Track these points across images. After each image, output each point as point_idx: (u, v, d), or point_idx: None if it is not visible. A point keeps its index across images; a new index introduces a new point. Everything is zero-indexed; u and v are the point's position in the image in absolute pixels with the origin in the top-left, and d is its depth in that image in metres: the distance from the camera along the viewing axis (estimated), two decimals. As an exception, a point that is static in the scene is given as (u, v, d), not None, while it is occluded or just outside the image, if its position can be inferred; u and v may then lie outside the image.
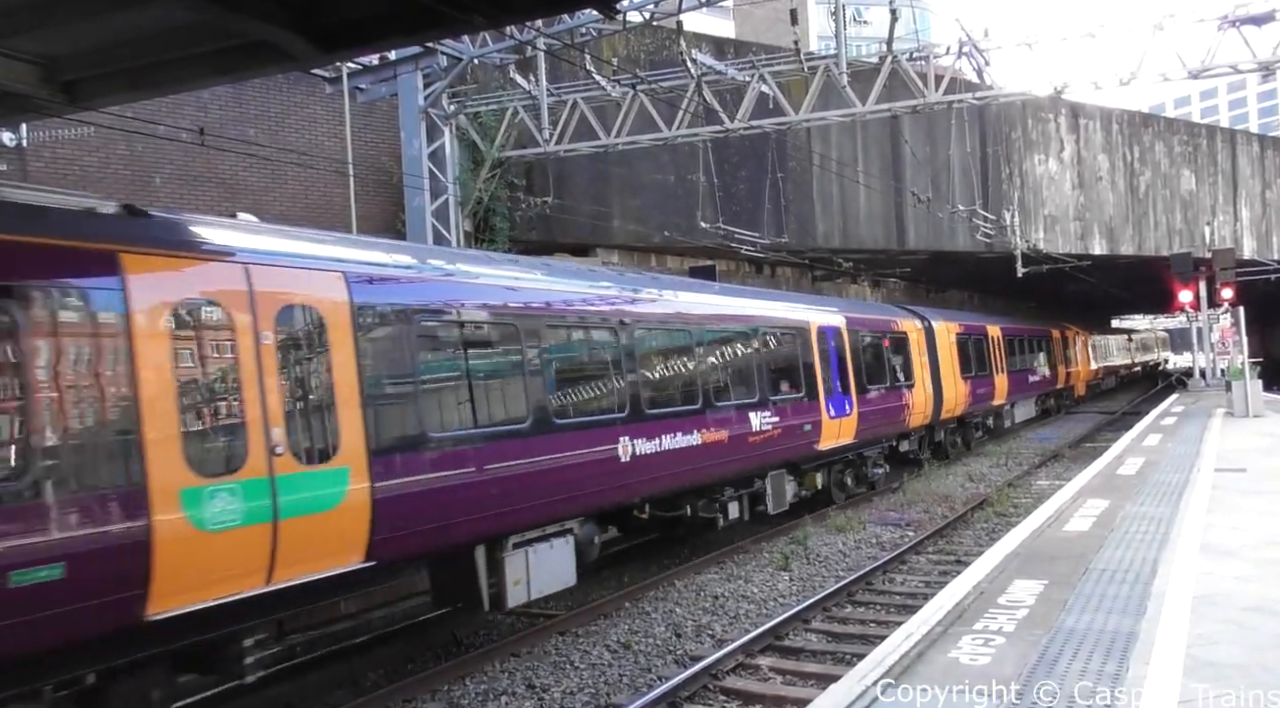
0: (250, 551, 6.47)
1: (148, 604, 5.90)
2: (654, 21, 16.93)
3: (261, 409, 6.61)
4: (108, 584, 5.71)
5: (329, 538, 7.02)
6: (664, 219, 21.43)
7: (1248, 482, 12.73)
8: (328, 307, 7.30)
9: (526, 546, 9.15)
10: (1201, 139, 36.90)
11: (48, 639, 5.52)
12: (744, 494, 13.43)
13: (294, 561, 6.72)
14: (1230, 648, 5.86)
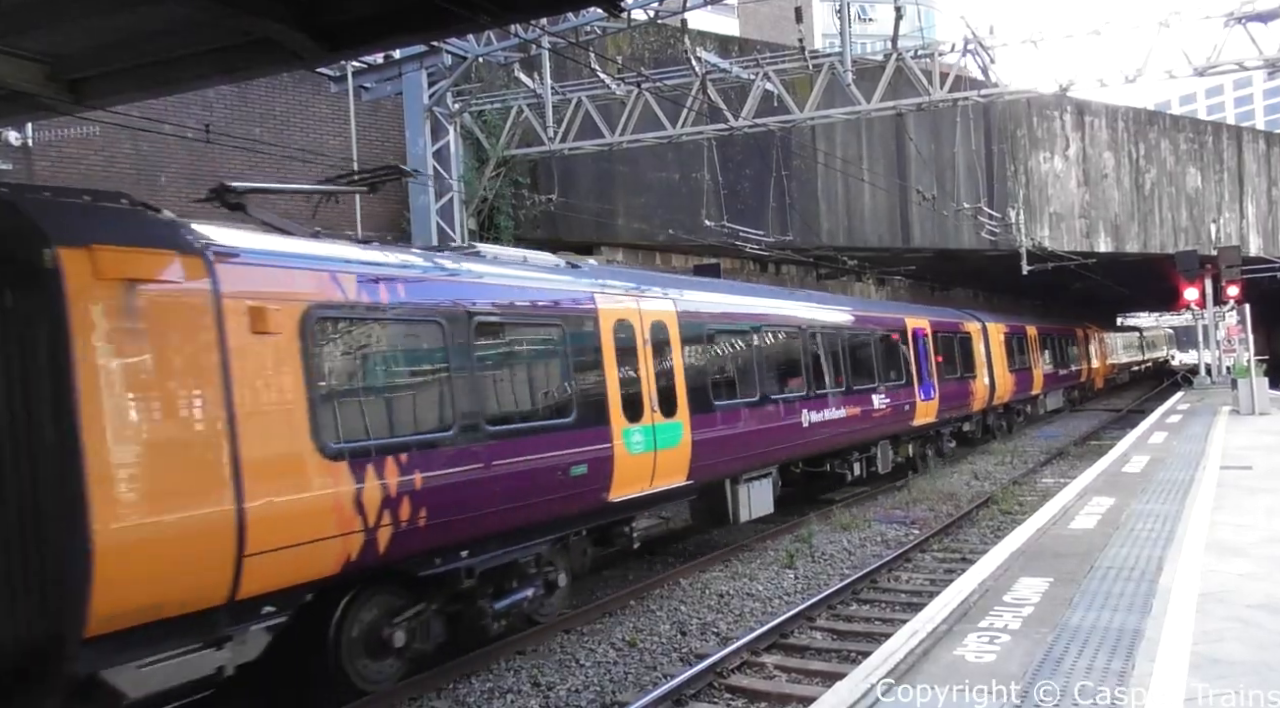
0: (645, 467, 10.70)
1: (610, 492, 10.12)
2: (658, 20, 16.93)
3: (648, 385, 10.92)
4: (599, 479, 9.92)
5: (673, 463, 11.24)
6: (669, 217, 21.44)
7: (1254, 479, 12.71)
8: (670, 323, 11.59)
9: (749, 482, 13.20)
10: (1207, 136, 36.79)
11: (577, 506, 9.72)
12: (863, 457, 17.18)
13: (660, 475, 11.00)
14: (1236, 645, 5.86)
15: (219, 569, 6.20)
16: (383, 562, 7.50)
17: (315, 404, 6.92)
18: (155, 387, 5.99)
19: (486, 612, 8.77)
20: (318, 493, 6.87)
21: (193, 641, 6.20)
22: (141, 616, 5.83)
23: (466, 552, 8.34)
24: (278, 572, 6.59)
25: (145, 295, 5.96)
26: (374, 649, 7.81)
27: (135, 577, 5.73)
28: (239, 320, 6.46)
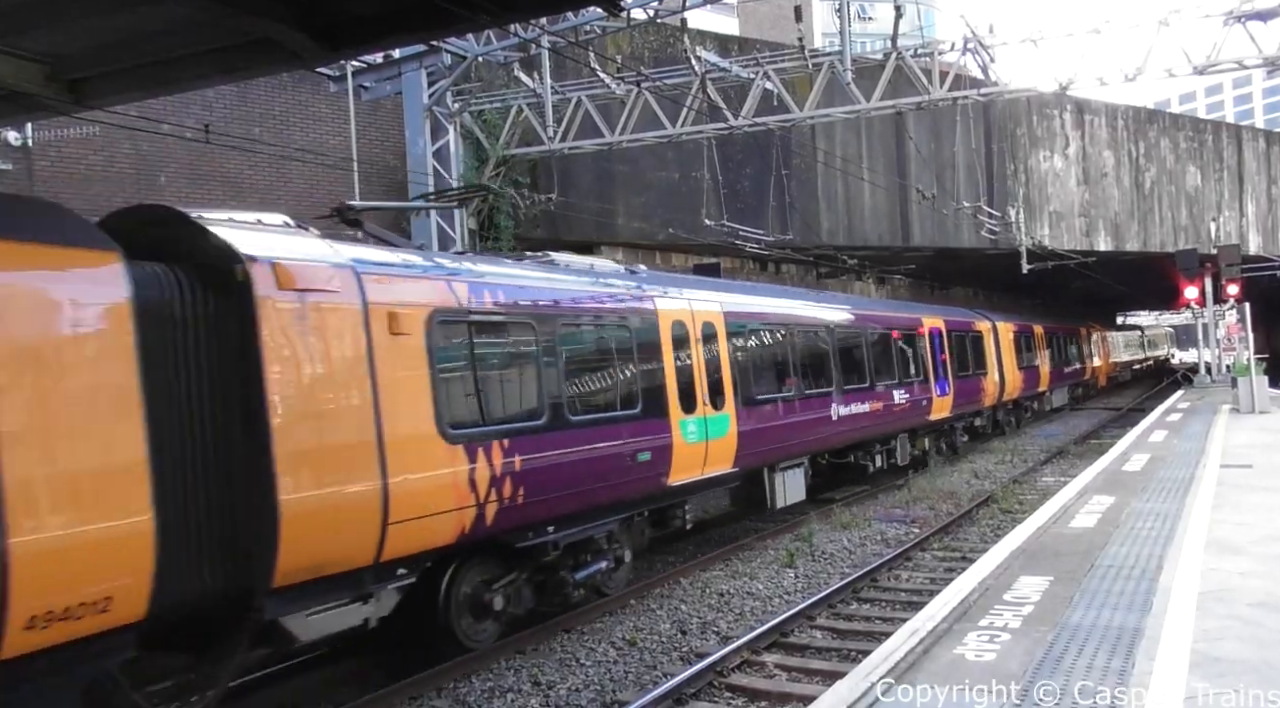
0: (698, 455, 11.72)
1: (669, 477, 11.13)
2: (658, 19, 16.95)
3: (700, 380, 11.91)
4: (660, 465, 10.91)
5: (722, 452, 12.25)
6: (668, 217, 21.44)
7: (1254, 478, 12.71)
8: (718, 324, 12.66)
9: (784, 471, 14.19)
10: (1207, 135, 36.79)
11: (641, 489, 10.75)
12: (884, 450, 18.29)
13: (711, 462, 11.99)
14: (1236, 644, 5.86)
15: (369, 535, 7.32)
16: (488, 534, 8.62)
17: (438, 395, 8.07)
18: (322, 378, 7.15)
19: (568, 581, 9.89)
20: (440, 472, 8.01)
21: (346, 595, 7.36)
22: (311, 573, 6.93)
23: (553, 527, 9.44)
24: (410, 539, 7.72)
25: (312, 302, 7.09)
26: (477, 611, 8.93)
27: (309, 540, 6.79)
28: (380, 323, 7.60)
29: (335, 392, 7.21)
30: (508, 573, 9.23)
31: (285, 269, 6.96)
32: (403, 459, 7.55)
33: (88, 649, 5.61)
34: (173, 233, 6.93)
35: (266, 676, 8.24)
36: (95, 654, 5.72)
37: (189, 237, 6.90)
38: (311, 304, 7.10)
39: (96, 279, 5.82)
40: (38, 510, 5.26)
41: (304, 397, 6.97)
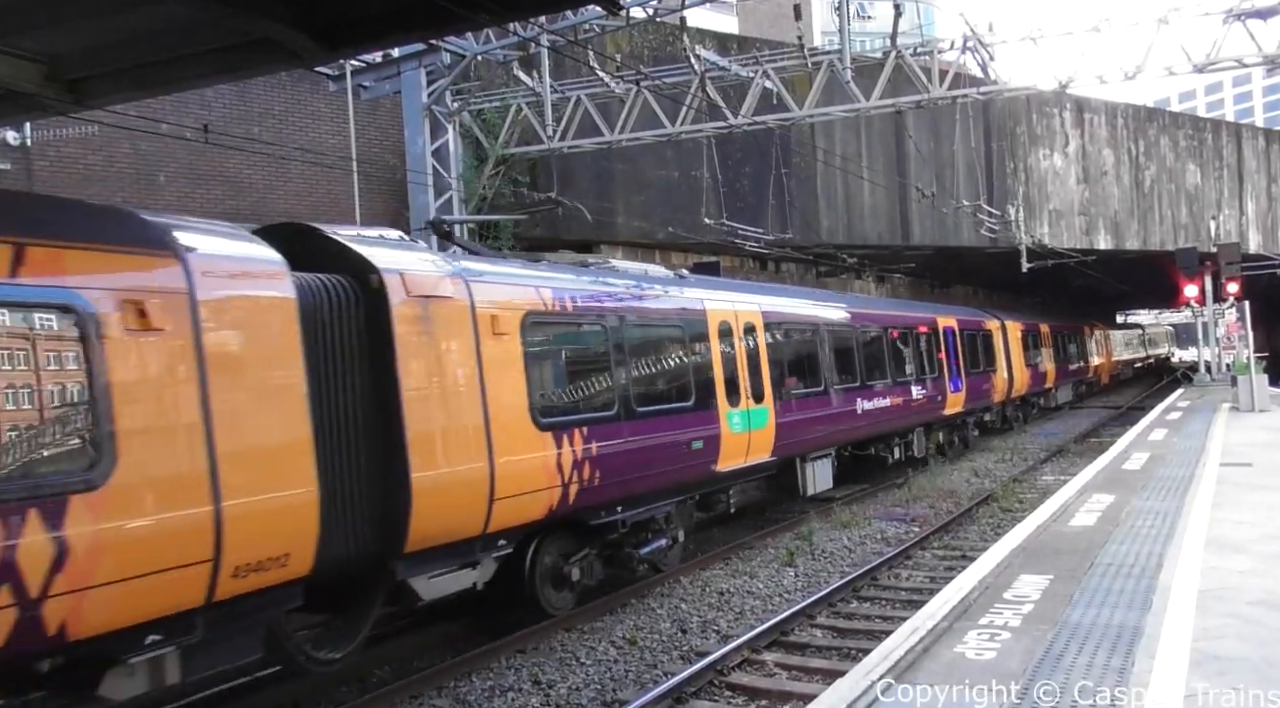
0: (742, 444, 12.72)
1: (717, 464, 12.16)
2: (657, 18, 16.94)
3: (743, 376, 12.96)
4: (710, 453, 11.93)
5: (762, 442, 13.28)
6: (668, 215, 21.44)
7: (1254, 476, 12.71)
8: (757, 324, 13.74)
9: (814, 460, 15.19)
10: (1206, 133, 36.79)
11: (694, 475, 11.83)
12: (901, 443, 19.27)
13: (753, 451, 13.03)
14: (1236, 643, 5.86)
15: (479, 509, 8.41)
16: (568, 511, 9.64)
17: (530, 387, 9.16)
18: (441, 371, 8.22)
19: (634, 556, 10.98)
20: (533, 455, 9.08)
21: (458, 562, 8.49)
22: (433, 541, 8.00)
23: (621, 507, 10.48)
24: (510, 514, 8.78)
25: (432, 306, 8.18)
26: (556, 582, 10.00)
27: (434, 512, 7.84)
28: (485, 324, 8.69)
29: (452, 383, 8.34)
30: (581, 548, 10.28)
31: (411, 278, 8.07)
32: (505, 443, 8.64)
33: (270, 597, 6.70)
34: (315, 247, 7.95)
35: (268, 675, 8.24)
36: (274, 602, 6.82)
37: (331, 250, 8.02)
38: (432, 308, 8.21)
39: (277, 288, 6.90)
40: (244, 480, 6.30)
41: (428, 387, 8.06)
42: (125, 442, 5.72)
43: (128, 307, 5.86)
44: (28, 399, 5.45)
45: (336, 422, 7.35)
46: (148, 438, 5.91)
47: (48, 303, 5.53)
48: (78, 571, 5.40)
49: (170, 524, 5.90)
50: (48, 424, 5.48)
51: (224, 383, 6.31)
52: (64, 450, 5.53)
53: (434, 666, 8.78)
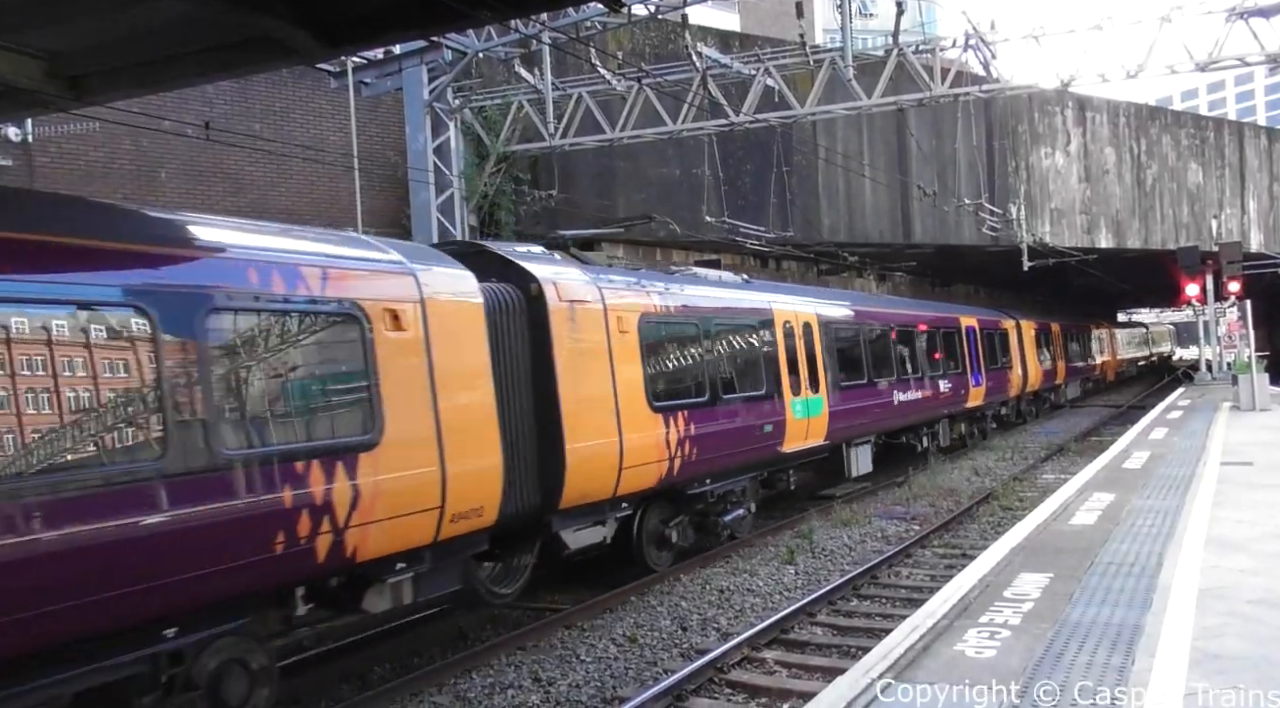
0: (803, 429, 14.46)
1: (783, 446, 13.90)
2: (659, 15, 16.91)
3: (803, 368, 14.76)
4: (778, 435, 13.71)
5: (818, 428, 15.10)
6: (669, 213, 21.35)
7: (1254, 475, 12.71)
8: (813, 323, 15.53)
9: (858, 446, 16.93)
10: (1209, 132, 36.74)
11: (765, 454, 13.57)
12: (929, 432, 21.08)
13: (810, 435, 14.79)
14: (1236, 642, 5.86)
15: (610, 476, 10.28)
16: (673, 481, 11.47)
17: (646, 374, 11.03)
18: (584, 360, 10.07)
19: (719, 523, 12.82)
20: (649, 433, 10.91)
21: (593, 520, 10.39)
22: (578, 501, 9.90)
23: (709, 480, 12.34)
24: (632, 481, 10.65)
25: (577, 309, 10.07)
26: (659, 542, 11.76)
27: (580, 477, 9.74)
28: (614, 323, 10.56)
29: (592, 370, 10.19)
30: (677, 515, 12.02)
31: (562, 286, 10.02)
32: (630, 421, 10.53)
33: (468, 541, 8.58)
34: (486, 261, 9.68)
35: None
36: (470, 545, 8.68)
37: (498, 264, 9.82)
38: (577, 310, 10.09)
39: (471, 297, 8.73)
40: (458, 448, 8.08)
41: (575, 373, 9.88)
42: (390, 415, 7.55)
43: (387, 314, 7.72)
44: (335, 381, 7.47)
45: (510, 402, 9.06)
46: (402, 413, 7.68)
47: (345, 313, 7.39)
48: (365, 509, 7.22)
49: (417, 478, 7.77)
50: (351, 399, 7.45)
51: (443, 371, 8.13)
52: (358, 418, 7.40)
53: (434, 663, 8.79)
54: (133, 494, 5.78)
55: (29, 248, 5.62)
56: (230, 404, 6.52)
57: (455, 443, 8.08)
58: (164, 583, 5.94)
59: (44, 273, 5.62)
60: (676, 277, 13.40)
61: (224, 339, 6.59)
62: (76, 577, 5.46)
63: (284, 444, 6.79)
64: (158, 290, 6.15)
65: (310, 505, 6.80)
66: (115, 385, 5.83)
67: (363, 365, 7.45)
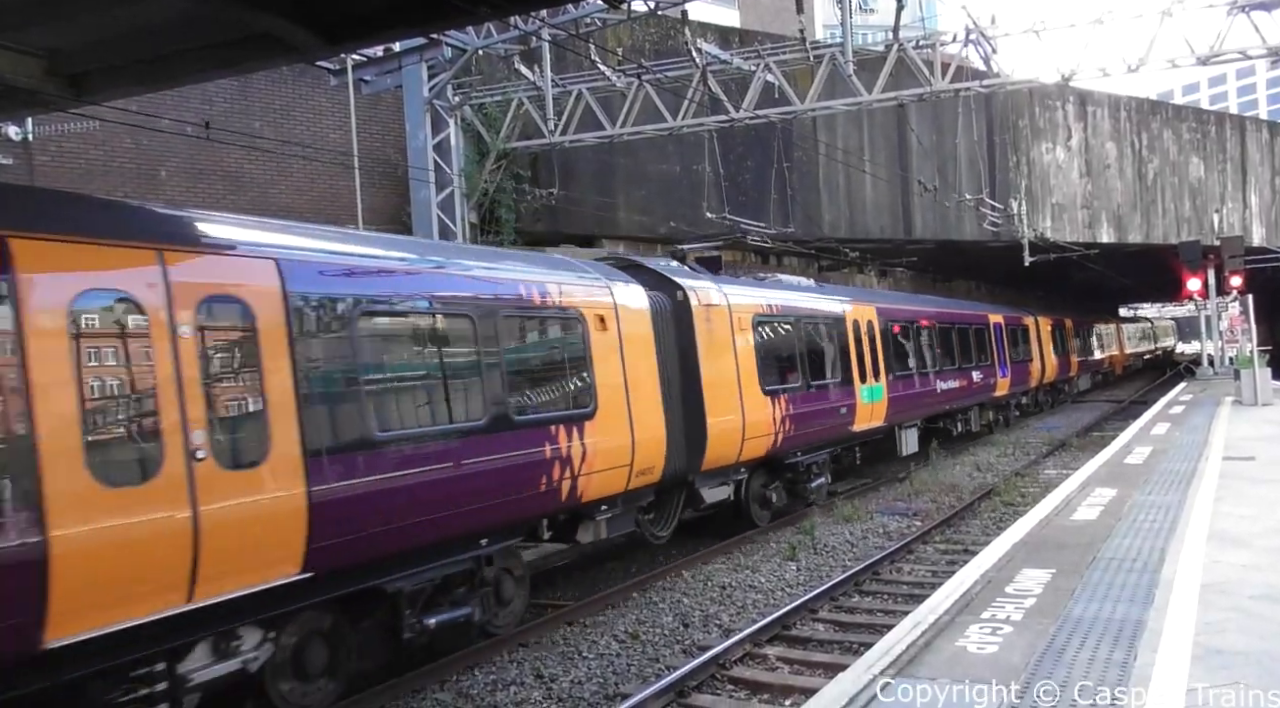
0: (869, 412, 16.80)
1: (854, 426, 16.28)
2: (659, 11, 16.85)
3: (868, 359, 17.12)
4: (850, 417, 16.15)
5: (878, 411, 17.43)
6: (669, 210, 21.40)
7: (1256, 470, 12.70)
8: (875, 320, 17.98)
9: (907, 428, 19.43)
10: (1210, 126, 36.66)
11: (839, 433, 16.01)
12: (963, 418, 23.83)
13: (873, 418, 17.14)
14: (1238, 636, 5.86)
15: (735, 445, 12.74)
16: (775, 453, 13.97)
17: (758, 364, 13.44)
18: (717, 352, 12.53)
19: (808, 489, 15.19)
20: (762, 412, 13.33)
21: (721, 481, 12.94)
22: (713, 465, 12.34)
23: (800, 452, 14.77)
24: (749, 450, 13.08)
25: (711, 311, 12.56)
26: (760, 502, 14.15)
27: (717, 446, 12.21)
28: (736, 322, 13.09)
29: (723, 360, 12.66)
30: (773, 481, 14.44)
31: (700, 293, 12.50)
32: (748, 402, 12.97)
33: (642, 493, 11.17)
34: (638, 273, 12.03)
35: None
36: (643, 497, 11.26)
37: (648, 275, 12.13)
38: (711, 312, 12.58)
39: (641, 302, 11.24)
40: (639, 419, 10.60)
41: (711, 363, 12.35)
42: (600, 393, 10.10)
43: (597, 317, 10.33)
44: (569, 366, 10.05)
45: (667, 384, 11.34)
46: (607, 391, 10.20)
47: (576, 315, 10.09)
48: (588, 463, 9.70)
49: (617, 441, 10.21)
50: (579, 380, 10.04)
51: (629, 361, 10.61)
52: (584, 394, 9.98)
53: (436, 659, 8.79)
54: (469, 445, 8.31)
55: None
56: (517, 381, 9.26)
57: (638, 416, 10.61)
58: (487, 505, 8.52)
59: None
60: (768, 283, 16.24)
61: (514, 333, 9.56)
62: (453, 497, 8.04)
63: (545, 412, 9.46)
64: (480, 303, 8.85)
65: (560, 458, 9.38)
66: (451, 363, 8.59)
67: (584, 355, 10.08)
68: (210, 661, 6.46)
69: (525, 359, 9.64)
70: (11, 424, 5.17)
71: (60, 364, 5.46)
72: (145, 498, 5.74)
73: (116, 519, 5.54)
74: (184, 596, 5.95)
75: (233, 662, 6.61)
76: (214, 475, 6.09)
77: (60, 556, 5.21)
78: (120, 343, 5.93)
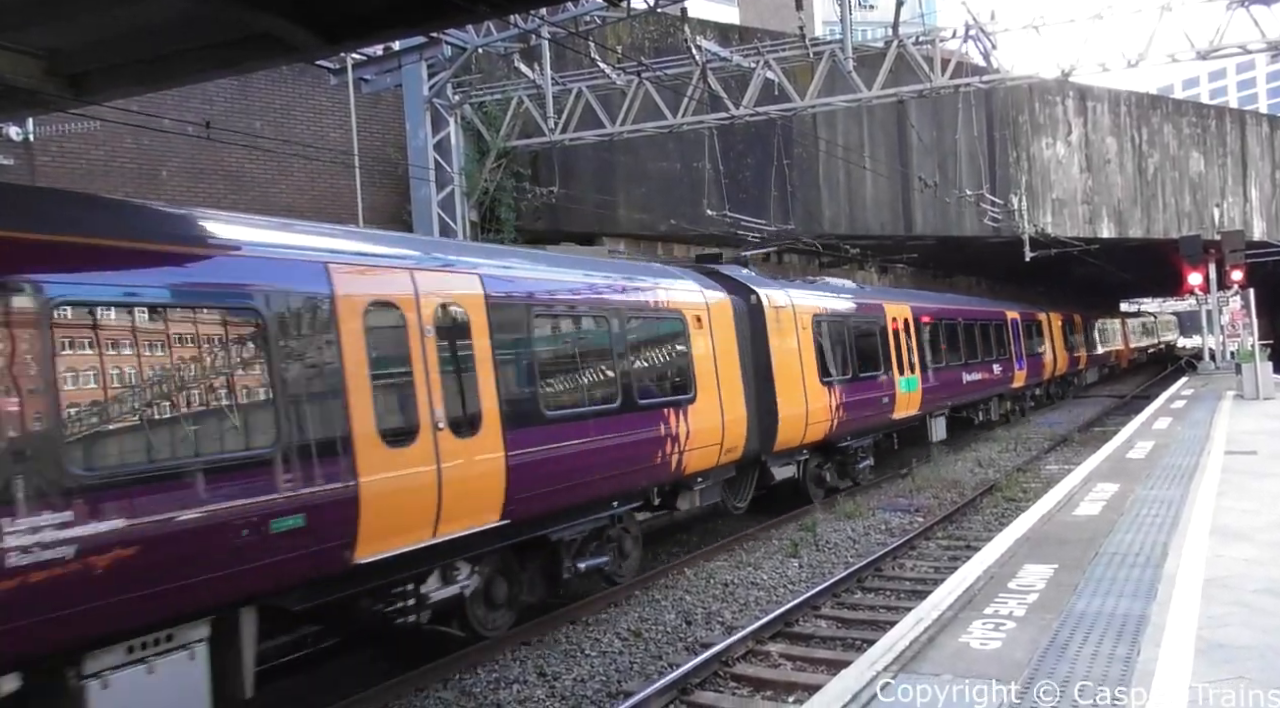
0: (906, 401, 18.75)
1: (894, 413, 18.34)
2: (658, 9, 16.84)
3: (905, 354, 18.94)
4: (891, 406, 18.07)
5: (914, 401, 19.15)
6: (670, 207, 21.39)
7: (1258, 464, 12.68)
8: (910, 317, 19.93)
9: (937, 417, 21.19)
10: (1210, 120, 36.62)
11: (881, 420, 17.90)
12: (984, 408, 25.81)
13: (910, 407, 18.94)
14: (1241, 630, 5.86)
15: (799, 431, 14.47)
16: (830, 437, 15.78)
17: (817, 358, 15.25)
18: (785, 349, 14.37)
19: (856, 470, 17.08)
20: (821, 401, 15.14)
21: (786, 461, 14.66)
22: (781, 447, 14.10)
23: (850, 437, 16.57)
24: (811, 434, 14.92)
25: (779, 312, 14.38)
26: (816, 481, 15.93)
27: (786, 431, 13.98)
28: (800, 321, 14.94)
29: (789, 355, 14.46)
30: (826, 462, 16.20)
31: (770, 296, 14.35)
32: (810, 392, 14.79)
33: (727, 469, 12.85)
34: (717, 278, 13.56)
35: (274, 669, 8.27)
36: (726, 471, 12.93)
37: (725, 280, 13.74)
38: (780, 313, 14.44)
39: (726, 303, 13.02)
40: (729, 406, 12.31)
41: (781, 357, 14.14)
42: (698, 380, 11.87)
43: (694, 317, 12.11)
44: (675, 358, 11.77)
45: (747, 375, 12.98)
46: (703, 379, 11.95)
47: (679, 316, 11.90)
48: (690, 441, 11.39)
49: (711, 423, 11.89)
50: (682, 369, 11.75)
51: (719, 354, 12.39)
52: (685, 382, 11.71)
53: (439, 658, 8.80)
54: (609, 423, 10.12)
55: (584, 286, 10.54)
56: (642, 371, 11.08)
57: (726, 402, 12.26)
58: (620, 472, 10.26)
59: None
60: (818, 285, 17.96)
61: (639, 332, 11.33)
62: (597, 465, 9.79)
63: (660, 397, 11.19)
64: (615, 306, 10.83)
65: (670, 436, 11.07)
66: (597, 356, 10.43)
67: (686, 349, 11.85)
68: (440, 586, 8.32)
69: (646, 353, 11.45)
70: (333, 397, 7.02)
71: (360, 358, 7.22)
72: (409, 457, 7.52)
73: (394, 472, 7.34)
74: (430, 532, 7.76)
75: (454, 587, 8.46)
76: (449, 441, 7.89)
77: (365, 497, 7.03)
78: (393, 341, 7.66)
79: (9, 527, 5.00)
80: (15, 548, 5.00)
